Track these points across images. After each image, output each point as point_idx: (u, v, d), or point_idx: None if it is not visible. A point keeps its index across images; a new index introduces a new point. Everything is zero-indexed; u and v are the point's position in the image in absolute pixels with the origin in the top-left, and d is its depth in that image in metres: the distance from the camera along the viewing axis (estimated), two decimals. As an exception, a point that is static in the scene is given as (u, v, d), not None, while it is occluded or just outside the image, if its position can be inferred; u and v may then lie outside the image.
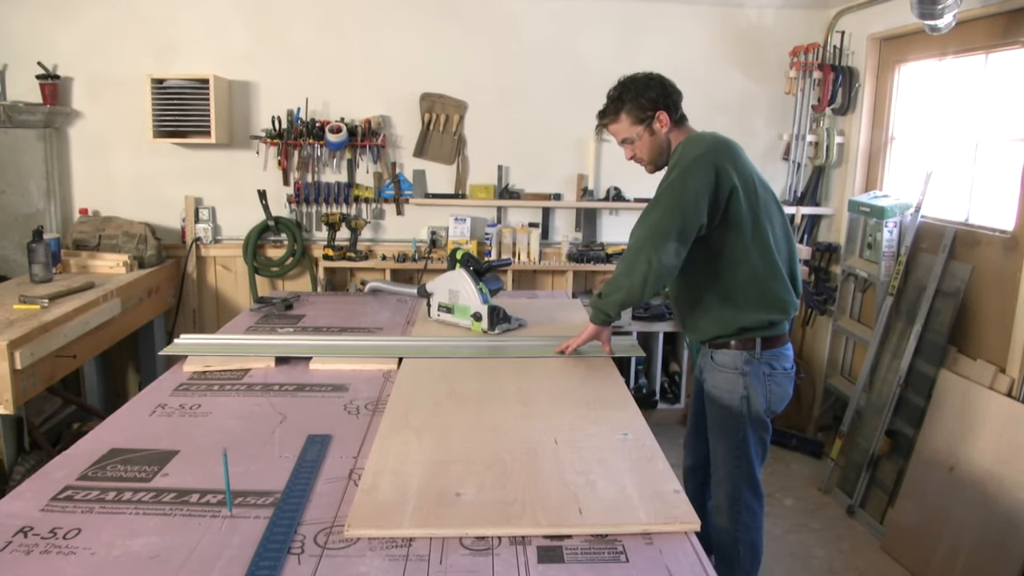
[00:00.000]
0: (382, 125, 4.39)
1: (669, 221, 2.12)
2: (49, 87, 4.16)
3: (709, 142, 2.23)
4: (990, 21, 3.29)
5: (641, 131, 2.34)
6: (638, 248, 2.16)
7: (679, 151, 2.26)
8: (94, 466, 1.63)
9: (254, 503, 1.47)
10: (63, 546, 1.31)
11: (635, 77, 2.35)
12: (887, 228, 3.75)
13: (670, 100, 2.34)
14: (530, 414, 1.93)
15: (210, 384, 2.19)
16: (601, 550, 1.32)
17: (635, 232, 2.22)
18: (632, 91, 2.33)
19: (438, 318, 2.87)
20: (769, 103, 4.55)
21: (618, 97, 2.35)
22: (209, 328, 4.47)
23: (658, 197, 2.19)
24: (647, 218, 2.18)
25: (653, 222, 2.15)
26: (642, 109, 2.31)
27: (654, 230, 2.14)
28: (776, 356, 2.31)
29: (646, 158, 2.39)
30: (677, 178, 2.16)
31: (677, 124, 2.36)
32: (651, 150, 2.36)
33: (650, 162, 2.40)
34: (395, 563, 1.28)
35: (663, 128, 2.33)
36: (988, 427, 2.97)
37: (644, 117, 2.32)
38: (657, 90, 2.32)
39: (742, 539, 2.39)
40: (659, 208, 2.15)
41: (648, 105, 2.31)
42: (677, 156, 2.25)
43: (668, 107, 2.33)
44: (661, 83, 2.35)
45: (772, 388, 2.31)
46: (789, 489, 3.94)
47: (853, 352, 4.40)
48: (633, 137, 2.36)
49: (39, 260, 3.59)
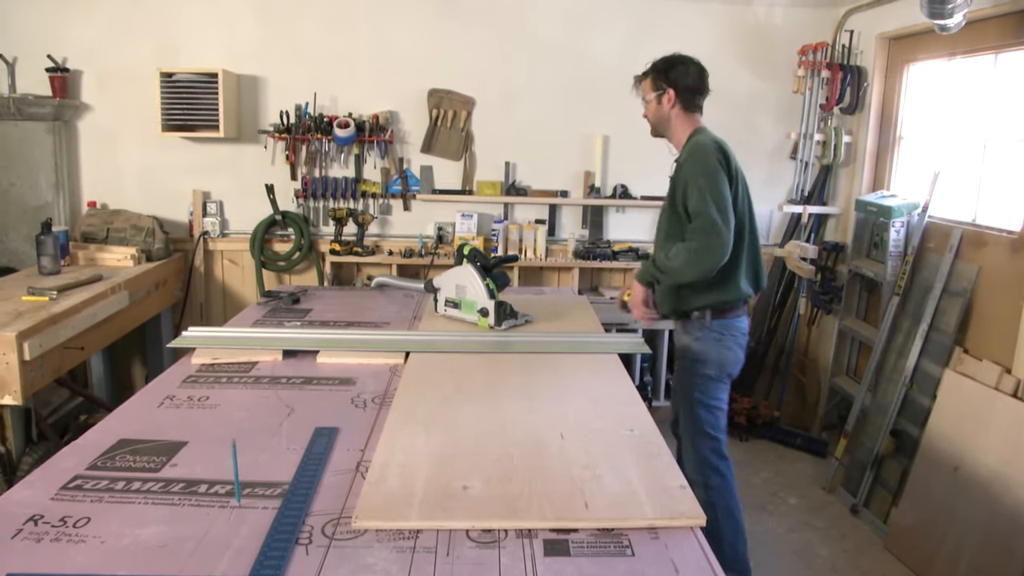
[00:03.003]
0: (390, 120, 4.40)
1: (722, 217, 2.52)
2: (58, 80, 4.17)
3: (710, 147, 2.62)
4: (1000, 21, 3.28)
5: (653, 98, 2.78)
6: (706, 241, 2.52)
7: (688, 154, 2.66)
8: (103, 456, 1.64)
9: (262, 494, 1.48)
10: (73, 534, 1.32)
11: (677, 57, 2.77)
12: (894, 228, 3.75)
13: (683, 87, 2.73)
14: (536, 409, 1.93)
15: (218, 376, 2.20)
16: (607, 544, 1.33)
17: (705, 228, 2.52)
18: (662, 63, 2.76)
19: (445, 313, 2.87)
20: (777, 101, 4.54)
21: (656, 64, 2.78)
22: (216, 321, 4.49)
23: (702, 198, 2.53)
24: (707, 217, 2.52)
25: (711, 219, 2.51)
26: (660, 80, 2.75)
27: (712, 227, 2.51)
28: (726, 326, 2.73)
29: (650, 120, 2.84)
30: (706, 183, 2.54)
31: (686, 110, 2.75)
32: (654, 116, 2.82)
33: (652, 126, 2.86)
34: (402, 555, 1.28)
35: (668, 104, 2.74)
36: (993, 428, 2.97)
37: (659, 87, 2.75)
38: (680, 74, 2.73)
39: (717, 504, 2.70)
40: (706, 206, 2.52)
41: (664, 81, 2.74)
42: (690, 161, 2.63)
43: (679, 91, 2.72)
44: (687, 72, 2.73)
45: (722, 352, 2.71)
46: (793, 488, 3.94)
47: (859, 352, 4.39)
48: (649, 100, 2.80)
49: (48, 252, 3.61)
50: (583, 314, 3.01)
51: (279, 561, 1.25)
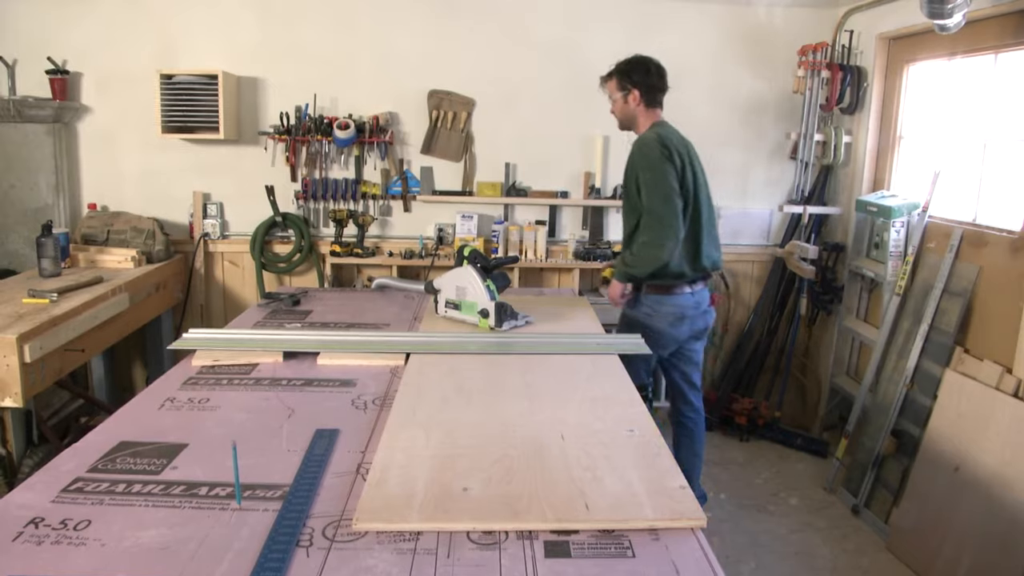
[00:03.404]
0: (390, 122, 4.40)
1: (670, 211, 2.88)
2: (58, 82, 4.17)
3: (653, 143, 2.95)
4: (1000, 21, 3.28)
5: (619, 96, 3.12)
6: (654, 235, 2.88)
7: (635, 150, 3.01)
8: (104, 458, 1.64)
9: (263, 496, 1.48)
10: (74, 537, 1.32)
11: (638, 59, 3.10)
12: (894, 228, 3.75)
13: (647, 87, 3.08)
14: (536, 410, 1.93)
15: (218, 378, 2.21)
16: (608, 545, 1.33)
17: (646, 223, 2.91)
18: (627, 65, 3.11)
19: (445, 314, 2.87)
20: (777, 102, 4.54)
21: (620, 65, 3.12)
22: (216, 323, 4.49)
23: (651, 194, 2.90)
24: (651, 211, 2.89)
25: (659, 214, 2.87)
26: (625, 81, 3.09)
27: (660, 221, 2.87)
28: (659, 301, 3.07)
29: (617, 116, 3.20)
30: (652, 177, 2.90)
31: (648, 105, 3.10)
32: (621, 113, 3.16)
33: (619, 121, 3.21)
34: (403, 556, 1.28)
35: (633, 103, 3.10)
36: (994, 428, 2.97)
37: (624, 87, 3.09)
38: (642, 75, 3.08)
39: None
40: (655, 201, 2.88)
41: (629, 81, 3.08)
42: (636, 156, 2.98)
43: (642, 91, 3.07)
44: (648, 72, 3.08)
45: (651, 324, 3.06)
46: (794, 488, 3.94)
47: (859, 352, 4.39)
48: (614, 97, 3.14)
49: (48, 254, 3.61)
50: (583, 315, 3.02)
51: (280, 563, 1.25)
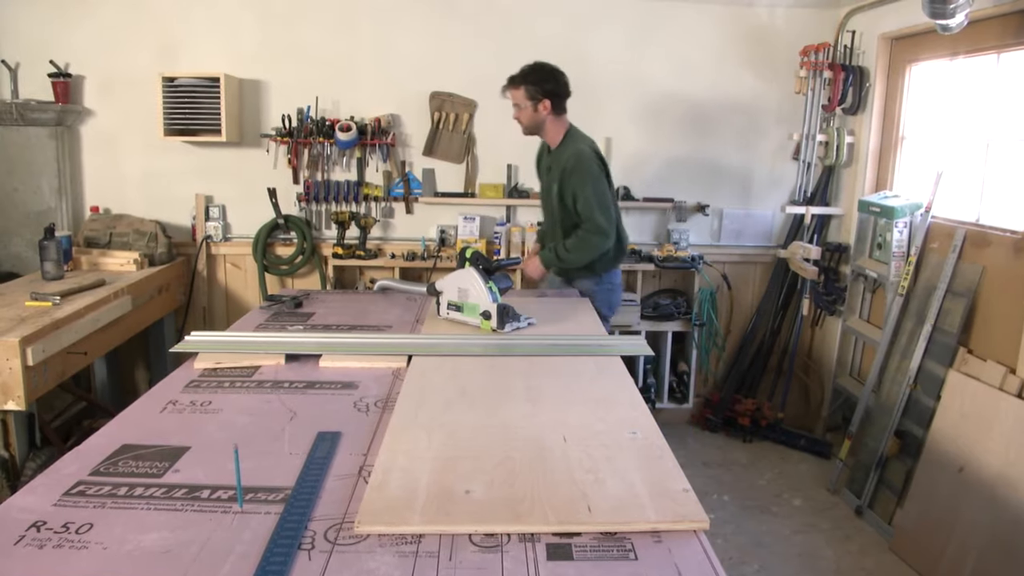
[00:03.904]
0: (392, 124, 4.40)
1: (609, 214, 3.22)
2: (61, 85, 4.18)
3: (591, 157, 3.22)
4: (1002, 20, 3.27)
5: (529, 104, 3.24)
6: (597, 238, 3.22)
7: (573, 160, 3.20)
8: (106, 462, 1.64)
9: (265, 499, 1.48)
10: (76, 540, 1.32)
11: (544, 67, 3.26)
12: (897, 228, 3.74)
13: (557, 95, 3.25)
14: (539, 412, 1.93)
15: (220, 381, 2.20)
16: (610, 548, 1.32)
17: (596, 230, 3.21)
18: (537, 75, 3.23)
19: (447, 316, 2.87)
20: (779, 102, 4.54)
21: (526, 74, 3.24)
22: (219, 326, 4.49)
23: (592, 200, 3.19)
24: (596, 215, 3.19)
25: (600, 222, 3.19)
26: (535, 91, 3.22)
27: (605, 225, 3.20)
28: (613, 274, 3.50)
29: (524, 123, 3.33)
30: (592, 189, 3.18)
31: (556, 113, 3.29)
32: (529, 120, 3.30)
33: (525, 128, 3.36)
34: (405, 559, 1.28)
35: (544, 111, 3.25)
36: (998, 428, 2.96)
37: (535, 97, 3.22)
38: (552, 84, 3.24)
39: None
40: (594, 208, 3.19)
41: (541, 91, 3.22)
42: (576, 168, 3.18)
43: (553, 99, 3.24)
44: (557, 81, 3.25)
45: (613, 296, 3.53)
46: (797, 489, 3.93)
47: (862, 352, 4.39)
48: (523, 105, 3.26)
49: (51, 257, 3.61)
50: (585, 316, 3.01)
51: (281, 567, 1.25)
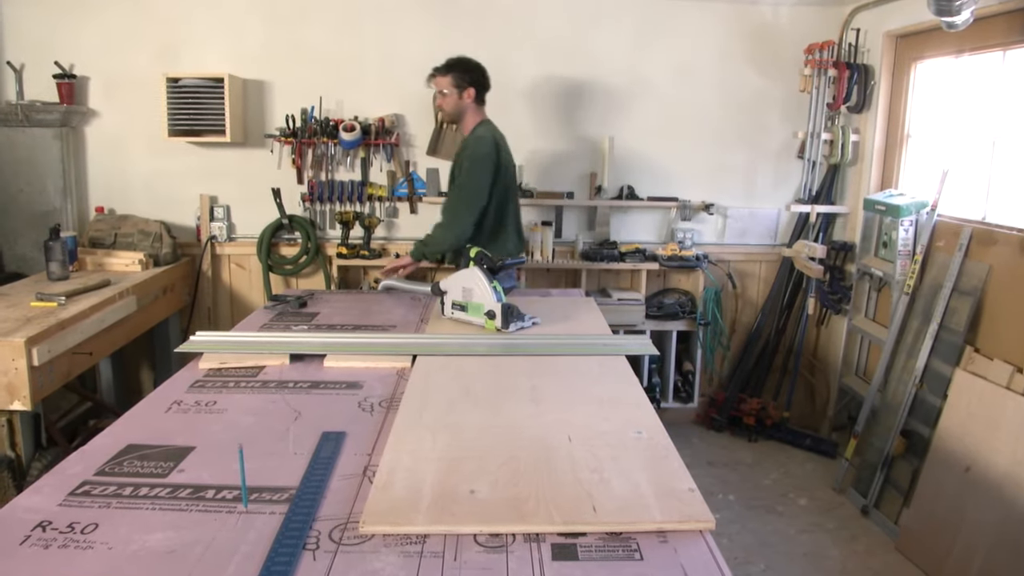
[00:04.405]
0: (396, 124, 4.40)
1: (472, 202, 3.30)
2: (66, 86, 4.19)
3: (490, 142, 3.32)
4: (1008, 17, 3.26)
5: (454, 92, 3.41)
6: (452, 220, 3.33)
7: (472, 141, 3.37)
8: (111, 462, 1.64)
9: (269, 499, 1.48)
10: (81, 540, 1.32)
11: (471, 60, 3.45)
12: (903, 227, 3.73)
13: (481, 85, 3.46)
14: (543, 412, 1.93)
15: (225, 381, 2.20)
16: (615, 548, 1.32)
17: (449, 206, 3.39)
18: (463, 66, 3.43)
19: (452, 316, 2.87)
20: (784, 101, 4.53)
21: (454, 64, 3.43)
22: (223, 326, 4.50)
23: (461, 184, 3.34)
24: (459, 196, 3.33)
25: (465, 199, 3.30)
26: (462, 80, 3.41)
27: (465, 205, 3.30)
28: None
29: (447, 110, 3.50)
30: (471, 168, 3.29)
31: (478, 103, 3.47)
32: (453, 108, 3.46)
33: (448, 115, 3.56)
34: (410, 559, 1.28)
35: (467, 99, 3.43)
36: (1005, 428, 2.95)
37: (460, 85, 3.41)
38: (475, 76, 3.44)
39: None
40: (465, 192, 3.31)
41: (467, 80, 3.41)
42: (471, 147, 3.33)
43: (477, 88, 3.44)
44: (483, 73, 3.47)
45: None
46: (803, 489, 3.92)
47: (868, 351, 4.37)
48: (448, 92, 3.42)
49: (56, 258, 3.62)
50: (590, 316, 3.00)
51: (286, 567, 1.25)
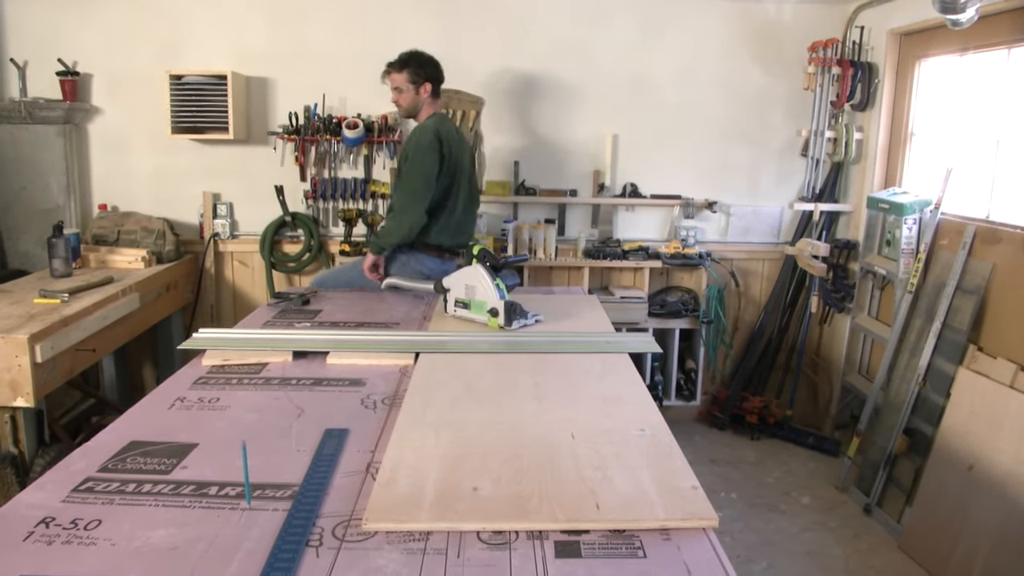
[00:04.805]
0: (399, 121, 4.39)
1: (420, 191, 3.27)
2: (69, 83, 4.19)
3: (431, 131, 3.29)
4: (1013, 15, 3.25)
5: (411, 87, 3.40)
6: (403, 210, 3.30)
7: (415, 132, 3.38)
8: (114, 458, 1.64)
9: (272, 496, 1.48)
10: (84, 537, 1.32)
11: (425, 55, 3.43)
12: (906, 225, 3.72)
13: (436, 80, 3.44)
14: (546, 409, 1.92)
15: (228, 378, 2.20)
16: (619, 545, 1.32)
17: (400, 197, 3.35)
18: (418, 60, 3.40)
19: (455, 313, 2.87)
20: (787, 98, 4.52)
21: (409, 59, 3.40)
22: (226, 323, 4.50)
23: (407, 175, 3.31)
24: (407, 187, 3.30)
25: (412, 189, 3.28)
26: (418, 75, 3.39)
27: (413, 195, 3.27)
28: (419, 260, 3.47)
29: (404, 106, 3.48)
30: (415, 158, 3.28)
31: (433, 97, 3.46)
32: (410, 103, 3.44)
33: (404, 111, 3.52)
34: (413, 556, 1.28)
35: (423, 94, 3.42)
36: (1008, 426, 2.94)
37: (416, 80, 3.39)
38: (431, 70, 3.43)
39: None
40: (411, 182, 3.29)
41: (423, 75, 3.40)
42: (415, 138, 3.34)
43: (433, 83, 3.42)
44: (437, 68, 3.45)
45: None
46: (806, 487, 3.92)
47: (871, 350, 4.37)
48: (404, 89, 3.40)
49: (59, 255, 3.63)
50: (593, 314, 3.00)
51: (290, 563, 1.25)
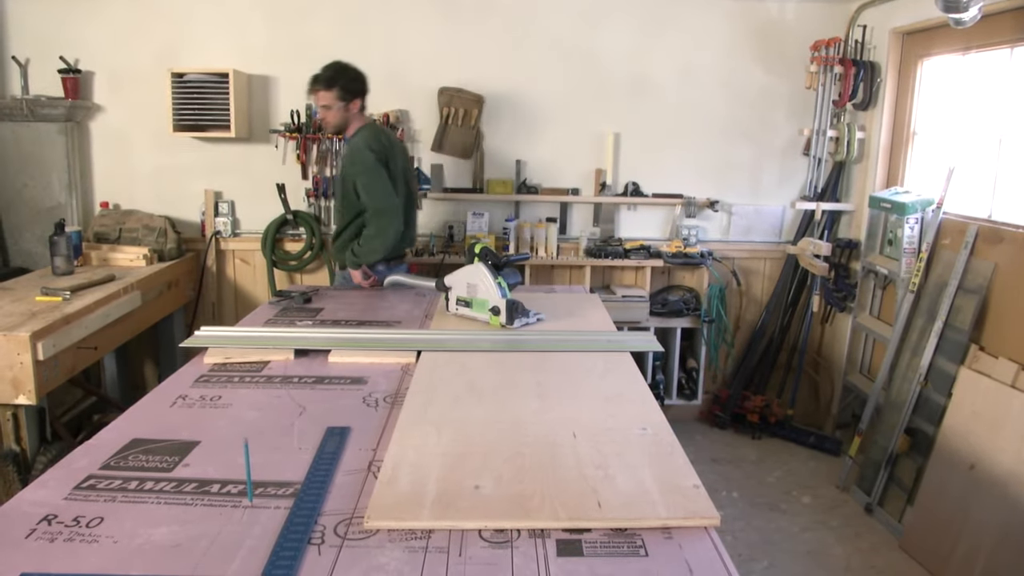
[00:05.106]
0: (401, 119, 4.39)
1: (389, 209, 3.31)
2: (71, 81, 4.19)
3: (364, 149, 3.30)
4: (1016, 14, 3.24)
5: (340, 105, 3.33)
6: (380, 231, 3.32)
7: (354, 155, 3.33)
8: (116, 456, 1.64)
9: (274, 493, 1.48)
10: (86, 534, 1.33)
11: (349, 68, 3.36)
12: (908, 224, 3.72)
13: (364, 94, 3.41)
14: (548, 408, 1.92)
15: (230, 376, 2.21)
16: (620, 544, 1.32)
17: (372, 220, 3.32)
18: (347, 77, 3.34)
19: (456, 312, 2.87)
20: (790, 98, 4.51)
21: (337, 76, 3.32)
22: (228, 321, 4.50)
23: (371, 199, 3.30)
24: (375, 211, 3.30)
25: (381, 209, 3.29)
26: (348, 92, 3.33)
27: (385, 216, 3.31)
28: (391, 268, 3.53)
29: (331, 123, 3.40)
30: (370, 184, 3.29)
31: (362, 110, 3.45)
32: (338, 119, 3.38)
33: (333, 128, 3.46)
34: (414, 555, 1.28)
35: (354, 109, 3.38)
36: (1010, 426, 2.94)
37: (346, 97, 3.33)
38: (360, 85, 3.38)
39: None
40: (377, 203, 3.30)
41: (352, 91, 3.35)
42: (359, 163, 3.30)
43: (361, 98, 3.39)
44: (364, 81, 3.40)
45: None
46: (807, 487, 3.92)
47: (872, 349, 4.36)
48: (334, 106, 3.32)
49: (61, 253, 3.63)
50: (595, 312, 3.00)
51: (292, 561, 1.25)
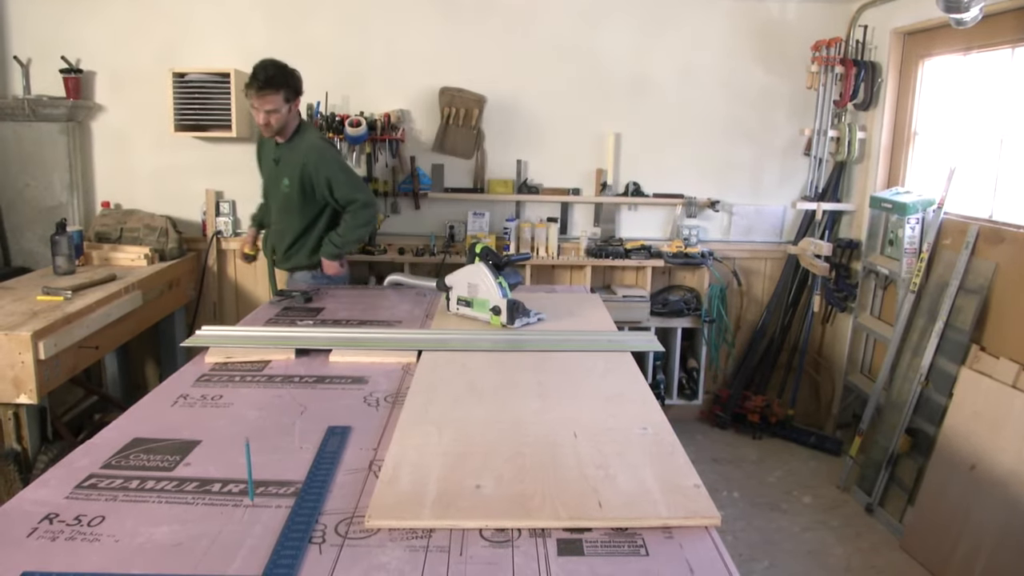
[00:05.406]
0: (401, 119, 4.39)
1: (366, 198, 3.37)
2: (72, 81, 4.20)
3: (326, 145, 3.43)
4: (1017, 15, 3.24)
5: (284, 107, 3.25)
6: (363, 221, 3.40)
7: (319, 152, 3.32)
8: (117, 455, 1.64)
9: (275, 493, 1.48)
10: (88, 533, 1.33)
11: (287, 67, 3.27)
12: (909, 224, 3.72)
13: (302, 93, 3.36)
14: (549, 408, 1.93)
15: (231, 375, 2.21)
16: (621, 543, 1.32)
17: (353, 214, 3.37)
18: (289, 78, 3.26)
19: (457, 312, 2.87)
20: (791, 98, 4.51)
21: (278, 77, 3.21)
22: (229, 321, 4.50)
23: (349, 192, 3.34)
24: (355, 198, 3.35)
25: (364, 201, 3.36)
26: (293, 92, 3.28)
27: (365, 203, 3.37)
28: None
29: (277, 126, 3.28)
30: (347, 180, 3.34)
31: (298, 109, 3.41)
32: (283, 121, 3.29)
33: (277, 129, 3.30)
34: (415, 554, 1.28)
35: (295, 109, 3.35)
36: (1011, 426, 2.94)
37: (290, 98, 3.27)
38: (300, 83, 3.33)
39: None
40: (357, 191, 3.37)
41: (297, 91, 3.31)
42: (327, 161, 3.31)
43: (300, 96, 3.34)
44: (300, 79, 3.32)
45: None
46: (807, 487, 3.92)
47: (873, 349, 4.36)
48: (280, 109, 3.23)
49: (62, 252, 3.63)
50: (595, 312, 3.00)
51: (292, 560, 1.25)
